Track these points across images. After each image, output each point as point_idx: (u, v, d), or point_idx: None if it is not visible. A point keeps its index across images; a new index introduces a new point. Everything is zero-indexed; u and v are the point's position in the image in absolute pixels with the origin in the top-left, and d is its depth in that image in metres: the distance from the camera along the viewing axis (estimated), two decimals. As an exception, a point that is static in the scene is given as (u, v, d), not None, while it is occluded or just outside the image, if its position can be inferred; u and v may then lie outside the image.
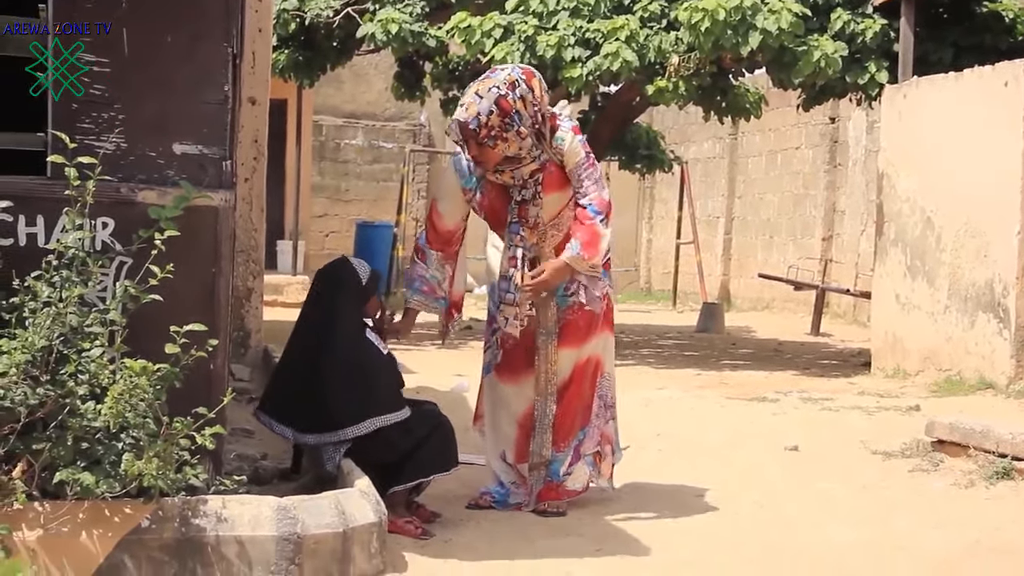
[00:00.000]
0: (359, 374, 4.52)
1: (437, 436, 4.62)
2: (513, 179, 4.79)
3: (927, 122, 9.55)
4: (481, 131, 4.64)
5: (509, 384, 4.98)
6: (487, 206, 4.88)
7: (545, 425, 4.94)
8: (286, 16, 11.82)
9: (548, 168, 4.81)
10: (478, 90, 4.68)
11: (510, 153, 4.70)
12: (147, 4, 3.90)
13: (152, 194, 3.85)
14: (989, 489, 5.40)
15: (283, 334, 11.03)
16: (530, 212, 4.81)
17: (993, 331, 8.56)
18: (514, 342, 4.92)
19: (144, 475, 3.44)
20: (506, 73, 4.73)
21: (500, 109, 4.64)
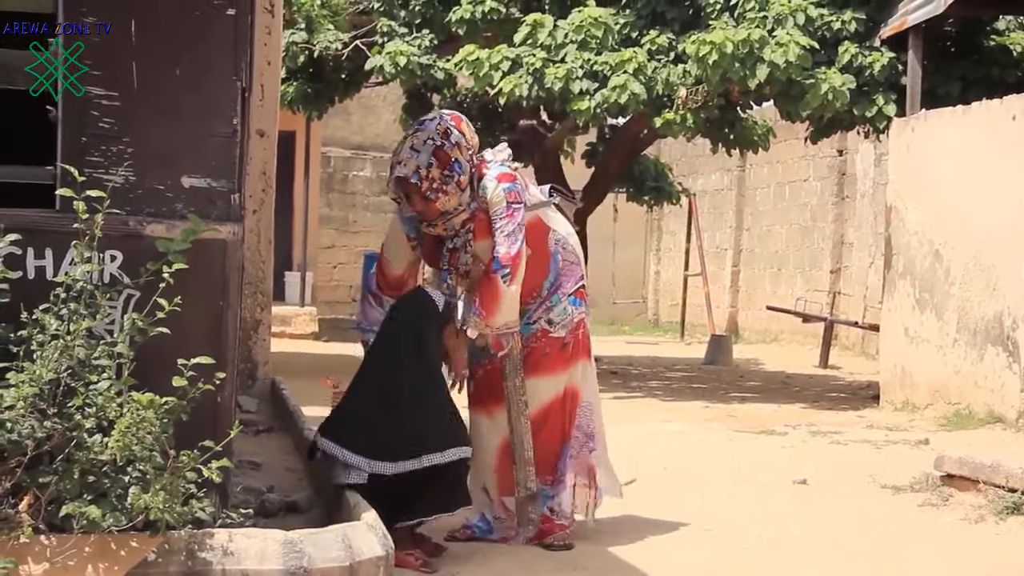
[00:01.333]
0: (438, 401, 4.54)
1: (452, 472, 4.58)
2: (446, 231, 4.82)
3: (935, 155, 9.55)
4: (423, 184, 4.65)
5: (482, 415, 4.96)
6: (425, 254, 4.95)
7: (525, 458, 4.89)
8: (295, 49, 11.88)
9: (478, 216, 4.80)
10: (412, 144, 4.68)
11: (450, 206, 4.71)
12: (156, 38, 3.92)
13: (160, 227, 3.85)
14: (999, 524, 5.36)
15: (291, 366, 11.12)
16: (460, 259, 4.83)
17: (1002, 365, 8.53)
18: (484, 373, 4.90)
19: (150, 508, 3.43)
20: (436, 123, 4.73)
21: (439, 160, 4.66)
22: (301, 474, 5.86)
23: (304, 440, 6.32)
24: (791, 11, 10.07)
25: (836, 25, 10.27)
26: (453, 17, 10.92)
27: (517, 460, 4.90)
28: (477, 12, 10.80)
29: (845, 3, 10.40)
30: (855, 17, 10.29)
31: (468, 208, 4.77)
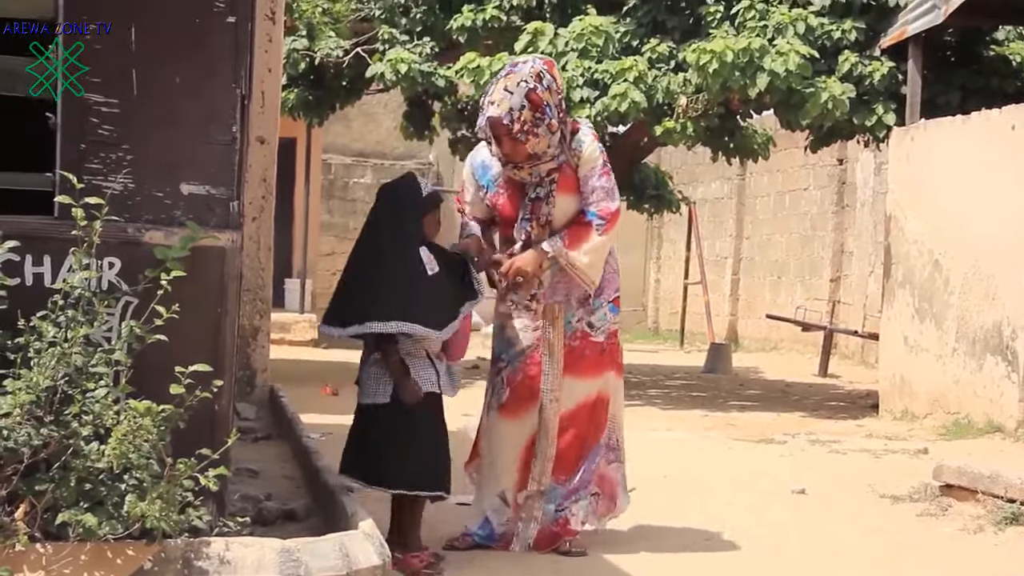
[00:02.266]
0: (392, 276, 4.48)
1: (431, 449, 4.55)
2: (531, 175, 4.79)
3: (935, 164, 9.56)
4: (514, 126, 4.66)
5: (513, 420, 4.91)
6: (501, 204, 4.88)
7: (547, 454, 4.86)
8: (296, 56, 11.88)
9: (564, 170, 4.82)
10: (506, 86, 4.69)
11: (539, 149, 4.72)
12: (156, 44, 3.92)
13: (159, 234, 3.85)
14: (998, 534, 5.36)
15: (290, 373, 11.12)
16: (542, 210, 4.80)
17: (1001, 374, 8.52)
18: (523, 377, 4.86)
19: (147, 516, 3.43)
20: (529, 66, 4.75)
21: (531, 103, 4.67)
22: (299, 482, 5.86)
23: (303, 448, 6.32)
24: (791, 20, 10.08)
25: (836, 34, 10.28)
26: (454, 25, 10.94)
27: (538, 454, 4.86)
28: (478, 20, 10.81)
29: (845, 12, 10.41)
30: (855, 26, 10.30)
31: (556, 158, 4.78)
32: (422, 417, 4.55)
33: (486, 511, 4.97)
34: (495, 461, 4.95)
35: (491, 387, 5.00)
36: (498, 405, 4.94)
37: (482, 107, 4.77)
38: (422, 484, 4.57)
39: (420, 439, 4.54)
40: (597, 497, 4.97)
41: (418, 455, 4.55)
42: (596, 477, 4.96)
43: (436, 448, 4.57)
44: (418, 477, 4.57)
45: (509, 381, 4.90)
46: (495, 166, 4.86)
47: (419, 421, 4.55)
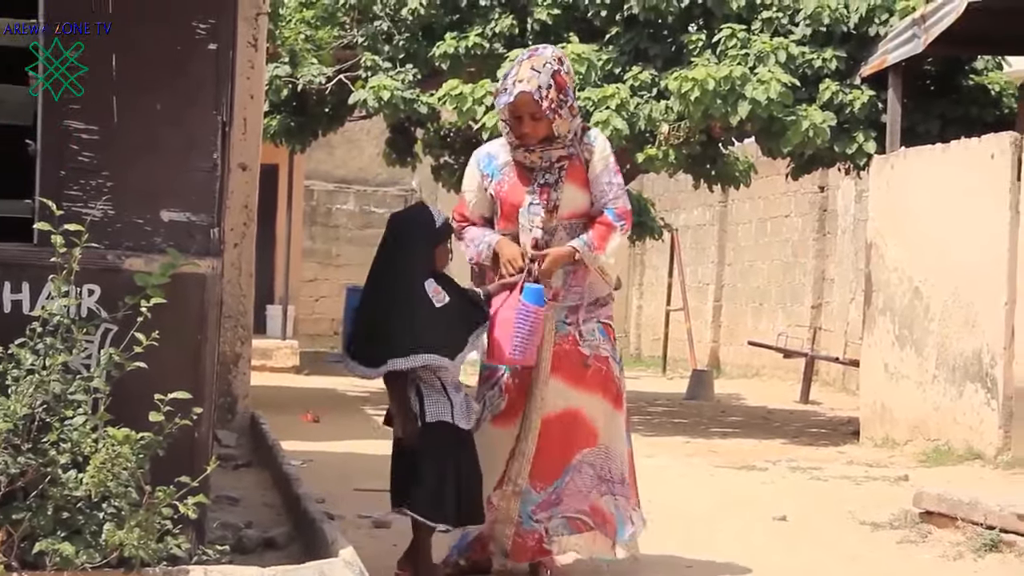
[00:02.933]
0: (408, 310, 4.48)
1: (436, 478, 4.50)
2: (541, 159, 4.79)
3: (915, 192, 9.61)
4: (543, 103, 4.68)
5: (505, 428, 4.81)
6: (505, 191, 4.84)
7: (526, 454, 4.77)
8: (278, 83, 11.89)
9: (574, 160, 4.83)
10: (532, 65, 4.72)
11: (560, 131, 4.74)
12: (136, 72, 3.92)
13: (139, 261, 3.84)
14: (977, 562, 5.37)
15: (272, 399, 11.09)
16: (551, 196, 4.79)
17: (981, 401, 8.55)
18: (519, 381, 4.78)
19: (125, 545, 3.41)
20: (551, 51, 4.81)
21: (557, 84, 4.71)
22: (280, 510, 5.84)
23: (283, 475, 6.30)
24: (772, 49, 10.15)
25: (817, 63, 10.35)
26: (437, 52, 10.97)
27: (516, 453, 4.77)
28: (460, 47, 10.85)
29: (826, 41, 10.49)
30: (836, 55, 10.38)
31: (567, 147, 4.80)
32: (433, 447, 4.52)
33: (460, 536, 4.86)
34: (489, 472, 4.78)
35: (481, 402, 4.85)
36: (492, 417, 4.82)
37: (503, 89, 4.76)
38: (418, 508, 4.52)
39: (427, 466, 4.51)
40: (578, 523, 4.87)
41: (420, 481, 4.52)
42: (586, 505, 4.84)
43: (441, 478, 4.51)
44: (417, 501, 4.53)
45: (507, 389, 4.81)
46: (502, 155, 4.86)
47: (429, 450, 4.52)
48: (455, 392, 4.60)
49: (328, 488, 6.49)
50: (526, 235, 4.79)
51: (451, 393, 4.58)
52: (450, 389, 4.58)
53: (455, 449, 4.56)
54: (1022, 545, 5.33)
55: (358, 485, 6.86)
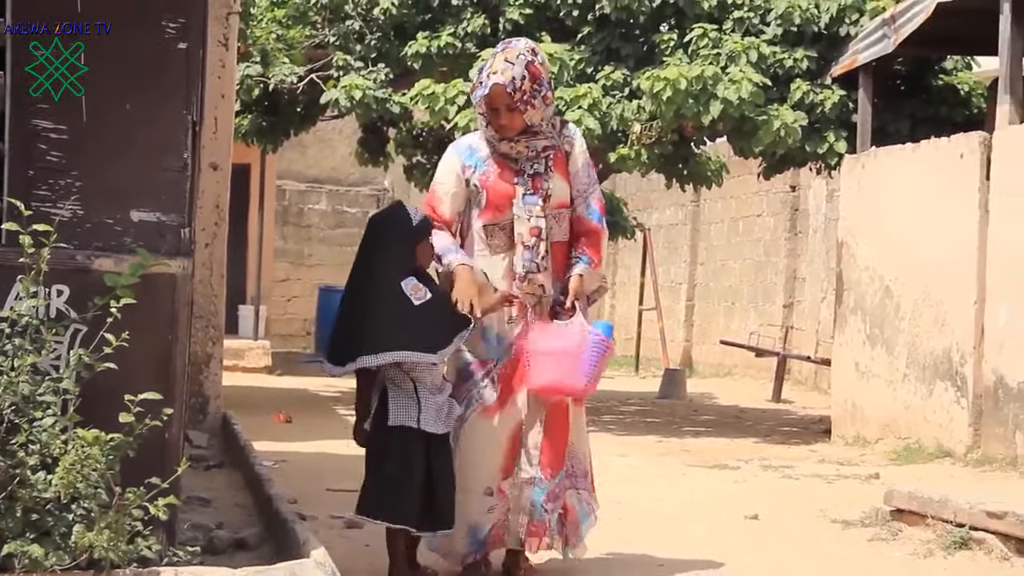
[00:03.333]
0: (381, 308, 4.47)
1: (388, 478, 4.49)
2: (527, 149, 4.80)
3: (885, 192, 9.66)
4: (515, 95, 4.70)
5: (498, 414, 4.77)
6: (491, 182, 4.81)
7: (535, 441, 4.78)
8: (250, 82, 11.86)
9: (557, 152, 4.87)
10: (506, 57, 4.74)
11: (534, 120, 4.77)
12: (106, 71, 3.90)
13: (108, 262, 3.82)
14: (947, 559, 5.40)
15: (243, 400, 11.05)
16: (542, 185, 4.80)
17: (951, 399, 8.61)
18: (509, 368, 4.75)
19: (95, 547, 3.39)
20: (524, 42, 4.83)
21: (530, 74, 4.73)
22: (251, 510, 5.82)
23: (255, 476, 6.28)
24: (744, 48, 10.18)
25: (788, 63, 10.39)
26: (409, 51, 10.95)
27: (525, 441, 4.77)
28: (433, 47, 10.84)
29: (797, 41, 10.53)
30: (807, 55, 10.42)
31: (549, 136, 4.83)
32: (393, 451, 4.51)
33: (468, 523, 4.78)
34: (479, 461, 4.77)
35: (467, 399, 4.78)
36: (482, 409, 4.77)
37: (479, 83, 4.77)
38: (370, 510, 4.53)
39: (384, 469, 4.51)
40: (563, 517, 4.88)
41: (375, 483, 4.53)
42: (562, 499, 4.87)
43: (397, 481, 4.49)
44: (370, 503, 4.54)
45: (500, 378, 4.77)
46: (483, 148, 4.85)
47: (388, 453, 4.51)
48: (430, 394, 4.56)
49: (300, 488, 6.47)
50: (523, 225, 4.77)
51: (422, 395, 4.54)
52: (423, 391, 4.55)
53: (417, 453, 4.51)
54: (992, 542, 5.36)
55: (330, 485, 6.84)
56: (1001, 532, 5.32)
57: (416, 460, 4.51)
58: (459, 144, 4.96)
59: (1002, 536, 5.32)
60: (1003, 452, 8.01)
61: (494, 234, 4.81)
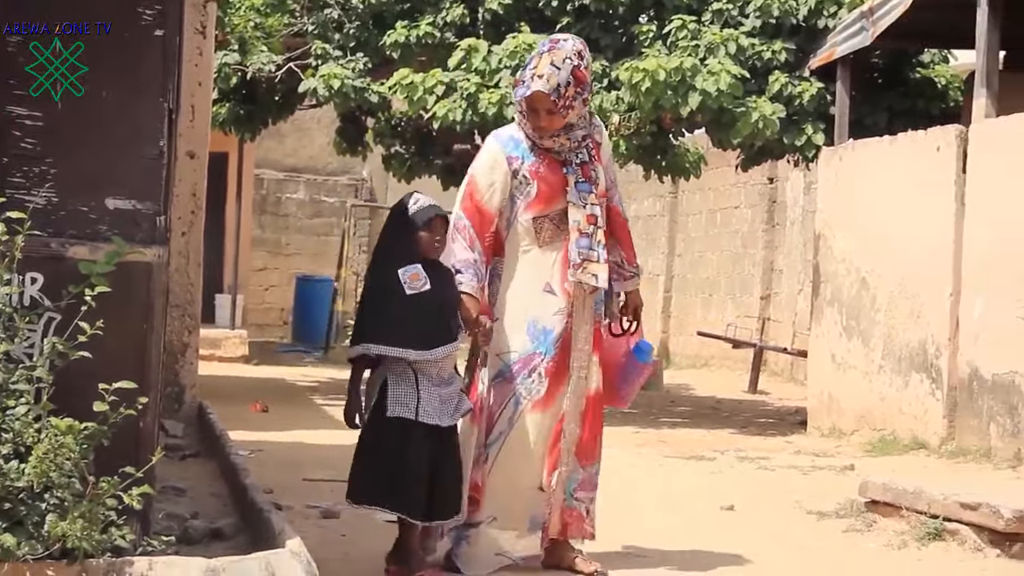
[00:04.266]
0: (371, 297, 4.53)
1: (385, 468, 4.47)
2: (569, 140, 4.80)
3: (862, 184, 9.69)
4: (559, 101, 4.69)
5: (546, 410, 4.76)
6: (543, 173, 4.79)
7: (575, 435, 4.80)
8: (227, 70, 11.80)
9: (593, 140, 4.90)
10: (553, 61, 4.71)
11: (573, 120, 4.78)
12: (82, 58, 3.88)
13: (83, 249, 3.80)
14: (921, 550, 5.43)
15: (220, 389, 11.02)
16: (591, 173, 4.82)
17: (926, 391, 8.65)
18: (559, 363, 4.74)
19: (68, 536, 3.37)
20: (571, 43, 4.78)
21: (575, 79, 4.72)
22: (227, 500, 5.81)
23: (231, 465, 6.26)
24: (723, 40, 10.19)
25: (767, 55, 10.41)
26: (387, 41, 10.92)
27: (566, 435, 4.78)
28: (412, 36, 10.81)
29: (775, 33, 10.55)
30: (785, 47, 10.44)
31: (584, 127, 4.85)
32: (391, 441, 4.48)
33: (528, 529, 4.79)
34: (534, 457, 4.75)
35: (515, 397, 4.75)
36: (531, 404, 4.75)
37: (523, 79, 4.75)
38: (364, 496, 4.52)
39: (383, 461, 4.48)
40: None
41: (377, 475, 4.50)
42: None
43: (397, 472, 4.46)
44: (362, 490, 4.53)
45: (548, 372, 4.76)
46: (524, 140, 4.83)
47: (386, 444, 4.49)
48: (433, 386, 4.52)
49: (276, 478, 6.46)
50: (579, 212, 4.76)
51: (423, 387, 4.50)
52: (425, 382, 4.51)
53: (418, 444, 4.48)
54: (965, 533, 5.40)
55: (307, 475, 6.83)
56: (974, 523, 5.36)
57: (417, 451, 4.47)
58: (500, 135, 4.91)
59: (975, 527, 5.36)
60: (977, 444, 8.06)
61: (543, 226, 4.80)
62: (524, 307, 4.77)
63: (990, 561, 5.24)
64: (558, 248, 4.78)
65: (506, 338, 4.76)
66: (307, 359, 16.62)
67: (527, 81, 4.71)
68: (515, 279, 4.80)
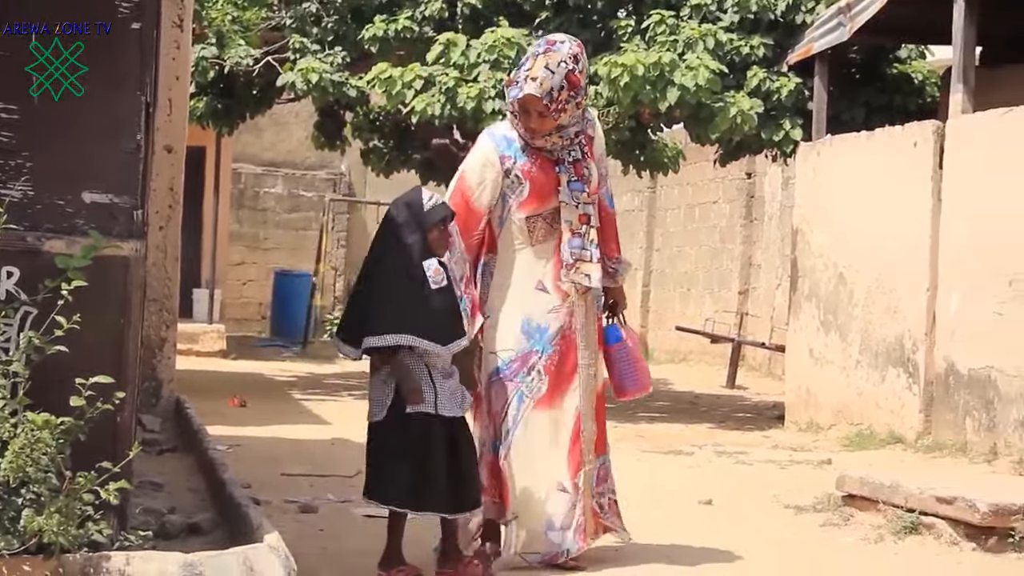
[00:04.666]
0: (388, 290, 4.46)
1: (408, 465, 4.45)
2: (562, 139, 4.80)
3: (840, 179, 9.73)
4: (551, 105, 4.69)
5: (552, 406, 4.77)
6: (535, 173, 4.79)
7: (591, 431, 4.84)
8: (205, 64, 11.76)
9: (585, 136, 4.90)
10: (547, 63, 4.70)
11: (564, 122, 4.77)
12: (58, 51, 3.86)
13: (60, 243, 3.78)
14: (897, 544, 5.46)
15: (197, 384, 11.00)
16: (584, 171, 4.83)
17: (903, 386, 8.69)
18: (558, 359, 4.75)
19: (44, 531, 3.36)
20: (568, 47, 4.78)
21: (569, 84, 4.71)
22: (204, 495, 5.79)
23: (208, 460, 6.24)
24: (701, 35, 10.21)
25: (745, 50, 10.43)
26: (366, 35, 10.90)
27: (584, 432, 4.80)
28: (390, 30, 10.80)
29: (754, 29, 10.58)
30: (763, 43, 10.47)
31: (576, 123, 4.84)
32: (411, 436, 4.47)
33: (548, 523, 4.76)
34: (544, 457, 4.76)
35: (517, 395, 4.75)
36: (533, 403, 4.76)
37: (516, 80, 4.74)
38: (386, 496, 4.50)
39: (407, 458, 4.46)
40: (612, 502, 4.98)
41: (401, 473, 4.47)
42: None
43: (422, 469, 4.46)
44: (390, 491, 4.50)
45: (547, 370, 4.77)
46: (516, 138, 4.83)
47: (408, 439, 4.47)
48: (443, 379, 4.53)
49: (254, 473, 6.45)
50: (571, 212, 4.78)
51: (437, 380, 4.50)
52: (436, 376, 4.51)
53: (439, 438, 4.49)
54: (941, 527, 5.43)
55: (285, 470, 6.82)
56: (950, 517, 5.39)
57: (439, 445, 4.48)
58: (494, 133, 4.90)
59: (951, 521, 5.39)
60: (953, 438, 8.10)
61: (536, 225, 4.80)
62: (518, 305, 4.79)
63: (966, 555, 5.27)
64: (551, 246, 4.80)
65: (500, 336, 4.77)
66: (285, 354, 16.58)
67: (520, 83, 4.71)
68: (508, 277, 4.82)
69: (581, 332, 4.82)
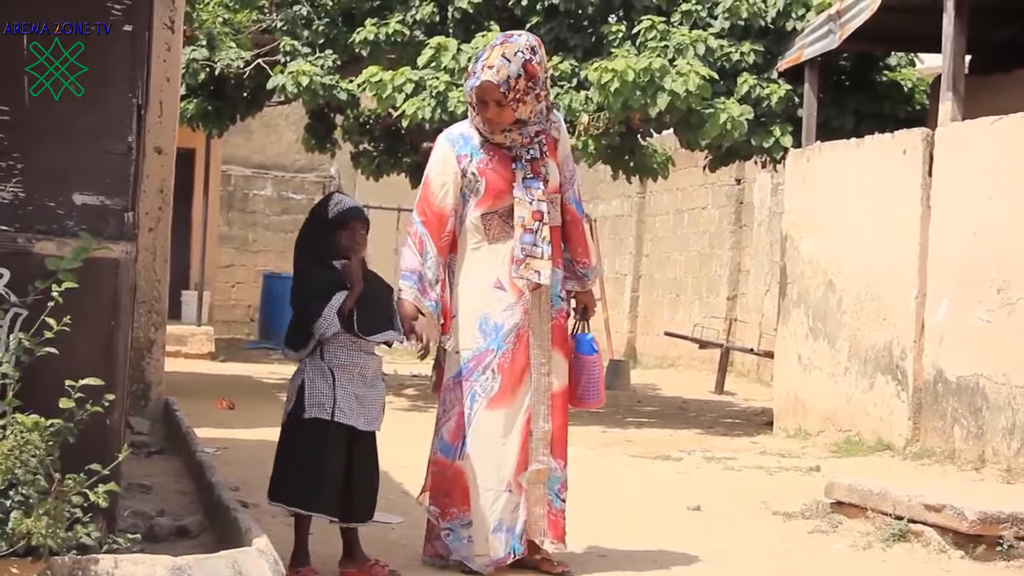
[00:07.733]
0: (302, 290, 4.62)
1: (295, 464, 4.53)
2: (520, 136, 4.79)
3: (829, 186, 9.75)
4: (509, 94, 4.68)
5: (506, 407, 4.76)
6: (491, 170, 4.79)
7: (543, 431, 4.81)
8: (196, 66, 11.75)
9: (548, 136, 4.88)
10: (504, 53, 4.70)
11: (524, 115, 4.75)
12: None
13: (50, 245, 3.78)
14: (885, 551, 5.47)
15: (186, 386, 10.97)
16: (541, 169, 4.81)
17: (891, 393, 8.70)
18: (512, 357, 4.74)
19: (33, 533, 3.35)
20: (525, 39, 4.77)
21: (527, 73, 4.69)
22: (193, 497, 5.78)
23: (197, 462, 6.23)
24: (692, 41, 10.22)
25: (735, 56, 10.45)
26: (357, 38, 10.90)
27: (533, 432, 4.78)
28: (381, 34, 10.79)
29: (744, 35, 10.59)
30: (754, 49, 10.49)
31: (539, 122, 4.83)
32: (308, 439, 4.52)
33: (496, 524, 4.75)
34: (496, 456, 4.75)
35: (471, 394, 4.76)
36: (487, 402, 4.75)
37: (474, 71, 4.74)
38: (282, 496, 4.56)
39: (302, 461, 4.52)
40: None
41: (285, 469, 4.57)
42: None
43: (307, 467, 4.51)
44: (281, 490, 4.57)
45: (500, 368, 4.76)
46: (475, 136, 4.82)
47: (305, 443, 4.53)
48: (352, 387, 4.55)
49: (243, 475, 6.43)
50: (524, 208, 4.76)
51: (340, 387, 4.54)
52: (343, 381, 4.54)
53: (335, 445, 4.52)
54: (929, 535, 5.44)
55: (273, 473, 6.79)
56: (939, 525, 5.40)
57: (333, 452, 4.52)
58: (451, 133, 4.90)
59: (939, 528, 5.40)
60: (941, 445, 8.12)
61: (492, 222, 4.80)
62: (476, 304, 4.80)
63: (954, 563, 5.28)
64: (508, 244, 4.79)
65: (462, 336, 4.79)
66: (274, 356, 16.54)
67: (477, 72, 4.72)
68: (467, 276, 4.83)
69: (535, 331, 4.82)
